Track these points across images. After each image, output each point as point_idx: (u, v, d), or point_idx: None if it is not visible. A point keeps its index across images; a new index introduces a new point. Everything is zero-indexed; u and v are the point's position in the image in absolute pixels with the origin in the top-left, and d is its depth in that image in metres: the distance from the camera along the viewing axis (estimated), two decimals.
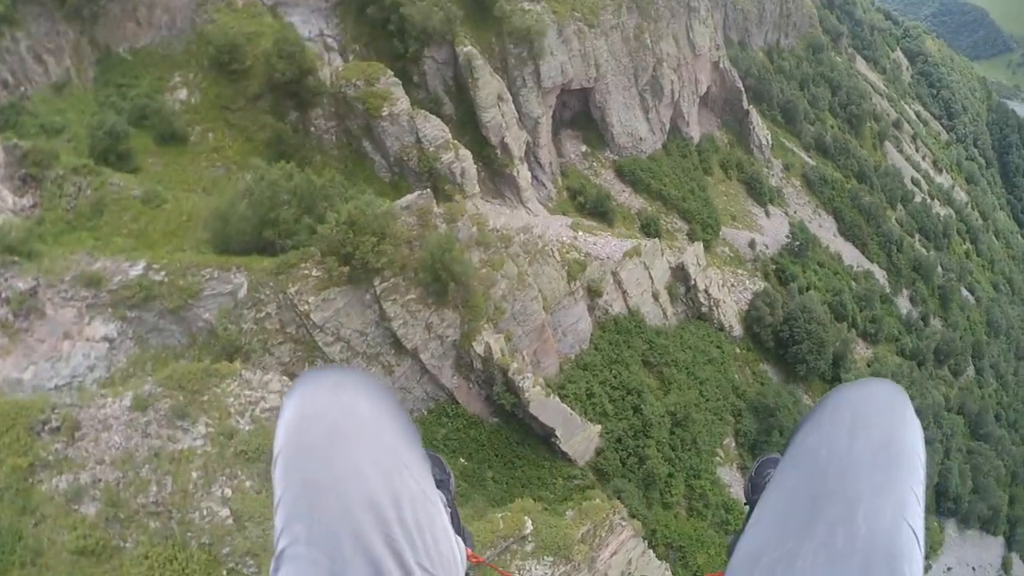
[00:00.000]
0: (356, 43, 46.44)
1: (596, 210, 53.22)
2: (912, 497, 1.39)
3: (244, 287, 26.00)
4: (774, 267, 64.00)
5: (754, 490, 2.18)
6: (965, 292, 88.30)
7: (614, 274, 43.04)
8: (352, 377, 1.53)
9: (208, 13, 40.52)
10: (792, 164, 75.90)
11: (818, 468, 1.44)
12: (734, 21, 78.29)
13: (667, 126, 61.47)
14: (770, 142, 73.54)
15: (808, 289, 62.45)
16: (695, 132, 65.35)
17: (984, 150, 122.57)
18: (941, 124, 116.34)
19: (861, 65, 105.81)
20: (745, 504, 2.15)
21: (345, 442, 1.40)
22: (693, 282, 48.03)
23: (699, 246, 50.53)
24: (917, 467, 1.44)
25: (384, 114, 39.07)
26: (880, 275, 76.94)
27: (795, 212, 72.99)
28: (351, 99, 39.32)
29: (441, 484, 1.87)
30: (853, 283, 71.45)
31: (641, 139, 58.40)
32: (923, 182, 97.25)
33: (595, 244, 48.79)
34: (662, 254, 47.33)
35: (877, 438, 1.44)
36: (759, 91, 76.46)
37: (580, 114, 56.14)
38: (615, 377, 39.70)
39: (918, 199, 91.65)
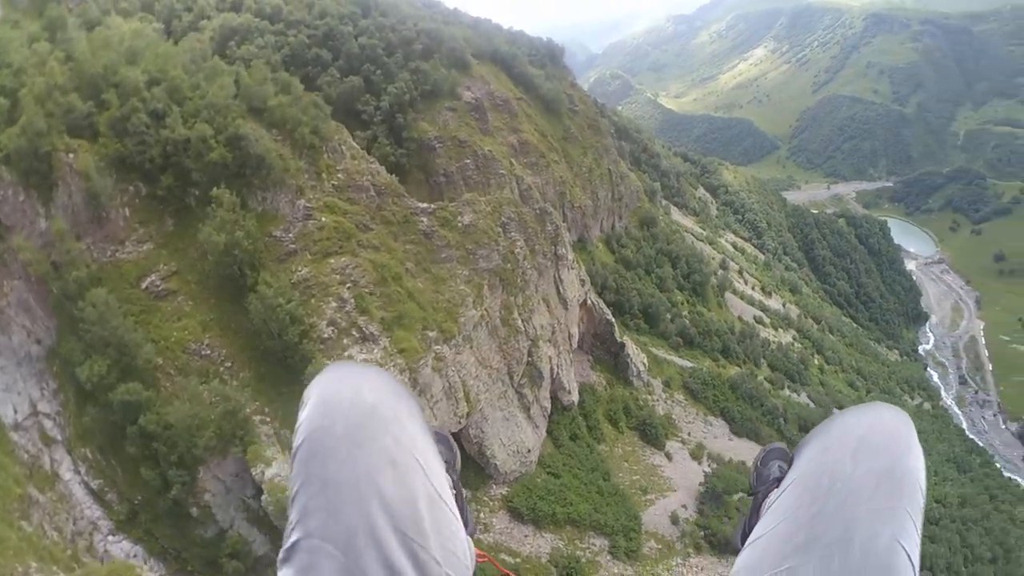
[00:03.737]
0: (87, 443, 27.57)
1: None
2: (910, 522, 1.42)
3: None
4: (702, 534, 53.14)
5: (759, 481, 2.15)
6: (837, 412, 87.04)
7: None
8: (374, 376, 1.53)
9: None
10: (671, 378, 66.89)
11: (821, 490, 1.48)
12: (572, 221, 68.70)
13: (548, 409, 47.89)
14: (647, 365, 63.50)
15: None
16: (575, 394, 52.53)
17: (793, 254, 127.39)
18: (753, 245, 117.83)
19: (676, 214, 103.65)
20: (749, 495, 2.10)
21: (365, 442, 1.39)
22: None
23: None
24: (917, 493, 1.48)
25: None
26: None
27: (689, 434, 63.68)
28: None
29: (448, 464, 1.88)
30: None
31: (528, 451, 43.91)
32: (764, 317, 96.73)
33: None
34: None
35: (880, 464, 1.47)
36: (619, 303, 67.37)
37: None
38: None
39: (773, 345, 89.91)
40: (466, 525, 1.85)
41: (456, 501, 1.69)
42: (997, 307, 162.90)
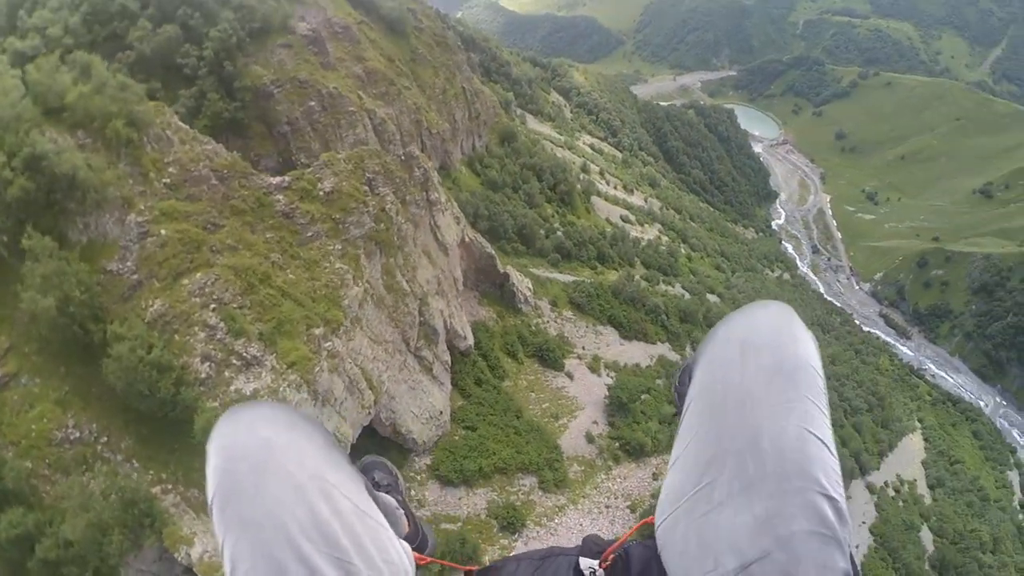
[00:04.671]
0: None
1: (453, 558, 37.25)
2: (813, 408, 1.42)
3: None
4: (617, 445, 55.29)
5: (680, 401, 2.08)
6: (712, 297, 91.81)
7: None
8: (268, 411, 1.54)
9: None
10: (557, 296, 67.26)
11: (717, 402, 1.46)
12: (432, 148, 65.19)
13: (448, 362, 46.39)
14: (532, 289, 63.07)
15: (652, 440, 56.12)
16: (470, 337, 51.20)
17: (648, 148, 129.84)
18: (610, 144, 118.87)
19: (532, 122, 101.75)
20: (675, 415, 2.06)
21: (269, 477, 1.41)
22: None
23: None
24: (813, 379, 1.47)
25: None
26: (665, 349, 74.33)
27: (584, 348, 64.97)
28: None
29: (389, 487, 1.88)
30: (659, 382, 67.19)
31: (440, 412, 42.46)
32: (630, 215, 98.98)
33: None
34: None
35: (768, 361, 1.45)
36: (493, 230, 65.79)
37: (364, 430, 38.21)
38: None
39: (643, 242, 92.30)
40: (425, 539, 1.82)
41: (408, 519, 1.70)
42: (841, 181, 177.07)
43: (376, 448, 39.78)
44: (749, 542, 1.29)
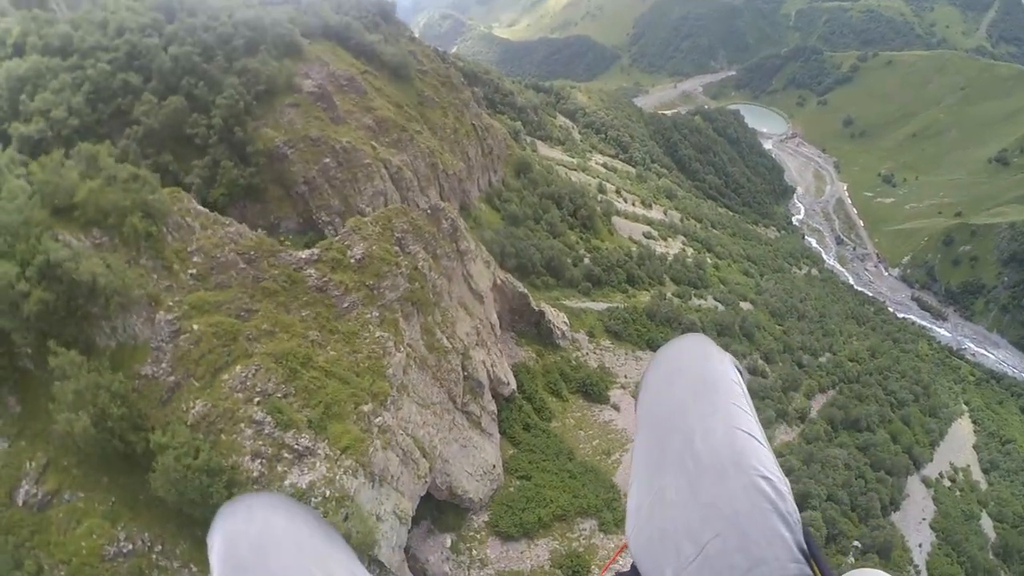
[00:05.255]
0: None
1: None
2: (736, 410, 1.62)
3: None
4: None
5: None
6: (745, 305, 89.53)
7: None
8: (264, 499, 1.67)
9: None
10: (592, 327, 65.57)
11: (655, 419, 1.69)
12: (450, 190, 64.28)
13: (495, 412, 44.74)
14: (568, 322, 61.45)
15: None
16: (512, 382, 49.56)
17: (660, 160, 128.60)
18: (622, 161, 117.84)
19: (543, 148, 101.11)
20: None
21: (270, 553, 1.51)
22: None
23: None
24: (732, 386, 1.69)
25: None
26: None
27: (626, 376, 62.95)
28: None
29: None
30: None
31: (493, 466, 40.81)
32: (652, 231, 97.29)
33: None
34: None
35: (691, 377, 1.71)
36: (522, 266, 64.44)
37: (422, 499, 36.66)
38: None
39: (670, 258, 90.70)
40: None
41: None
42: (855, 167, 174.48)
43: (432, 512, 38.12)
44: (701, 527, 1.43)
